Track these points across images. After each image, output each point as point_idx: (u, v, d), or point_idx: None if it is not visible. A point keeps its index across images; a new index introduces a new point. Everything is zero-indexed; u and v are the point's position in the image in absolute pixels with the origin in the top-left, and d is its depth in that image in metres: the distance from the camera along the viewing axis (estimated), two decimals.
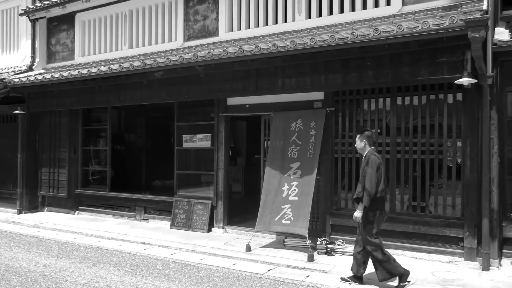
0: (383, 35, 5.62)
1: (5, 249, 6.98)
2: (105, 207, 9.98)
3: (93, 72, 8.56)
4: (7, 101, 10.31)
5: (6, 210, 10.83)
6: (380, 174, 5.08)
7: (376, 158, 5.17)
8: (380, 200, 5.11)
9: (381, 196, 5.12)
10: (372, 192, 4.96)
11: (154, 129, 12.04)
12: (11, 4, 12.08)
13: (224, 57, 6.91)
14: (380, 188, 5.07)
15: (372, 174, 5.01)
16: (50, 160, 10.81)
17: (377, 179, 5.04)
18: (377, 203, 5.07)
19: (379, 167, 5.09)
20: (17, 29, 11.96)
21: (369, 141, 5.29)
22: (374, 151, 5.28)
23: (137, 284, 5.15)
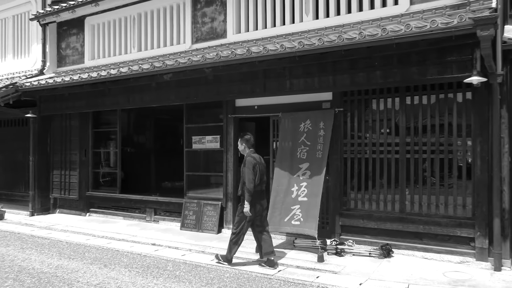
0: (391, 34, 5.60)
1: (18, 250, 7.08)
2: (115, 209, 10.06)
3: (103, 75, 8.65)
4: (19, 104, 10.44)
5: (18, 212, 10.96)
6: (256, 172, 5.90)
7: (252, 159, 6.00)
8: (255, 194, 5.87)
9: (256, 190, 5.88)
10: (250, 189, 5.79)
11: (163, 131, 12.11)
12: (22, 9, 12.25)
13: (232, 59, 6.94)
14: (256, 184, 5.87)
15: (250, 173, 5.84)
16: (61, 163, 10.93)
17: (254, 177, 5.86)
18: (253, 196, 5.85)
19: (254, 166, 5.92)
20: (28, 34, 12.11)
21: (248, 144, 6.21)
22: (252, 152, 6.14)
23: (148, 285, 5.19)
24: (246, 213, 5.82)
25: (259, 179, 5.96)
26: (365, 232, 6.82)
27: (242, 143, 6.25)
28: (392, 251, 6.35)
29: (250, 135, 6.33)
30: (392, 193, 6.69)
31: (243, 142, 6.24)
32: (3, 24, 12.84)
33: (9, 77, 11.94)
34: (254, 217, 5.95)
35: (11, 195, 11.54)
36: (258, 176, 5.94)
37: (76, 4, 10.32)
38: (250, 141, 6.23)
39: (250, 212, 5.82)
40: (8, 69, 12.46)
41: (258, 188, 5.96)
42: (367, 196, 6.90)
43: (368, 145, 6.89)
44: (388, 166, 6.73)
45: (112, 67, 9.51)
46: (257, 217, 5.99)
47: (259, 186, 5.97)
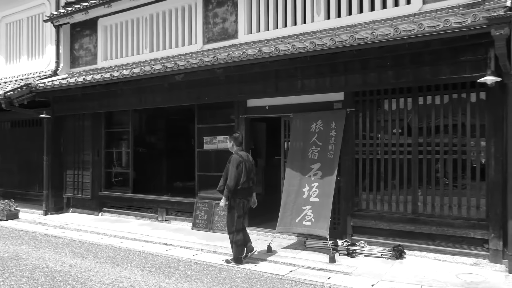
0: (403, 34, 5.56)
1: (32, 249, 7.18)
2: (127, 209, 10.14)
3: (115, 76, 8.73)
4: (33, 105, 10.57)
5: (33, 211, 11.11)
6: (240, 170, 6.06)
7: (238, 156, 6.15)
8: (240, 190, 6.08)
9: (243, 187, 6.08)
10: (231, 186, 5.97)
11: (174, 131, 12.17)
12: (36, 11, 12.41)
13: (243, 59, 6.95)
14: (242, 181, 6.06)
15: (233, 171, 6.00)
16: (74, 163, 11.05)
17: (238, 175, 6.03)
18: (239, 192, 6.07)
19: (239, 164, 6.07)
20: (42, 35, 12.27)
21: (236, 142, 6.38)
22: (239, 150, 6.33)
23: (160, 284, 5.23)
24: (221, 206, 6.15)
25: (246, 176, 6.12)
26: (377, 233, 6.78)
27: (230, 140, 6.43)
28: (404, 253, 6.30)
29: (239, 133, 6.54)
30: (404, 194, 6.64)
31: (231, 139, 6.41)
32: (17, 25, 13.02)
33: (24, 78, 12.11)
34: (243, 213, 6.20)
35: (25, 194, 11.68)
36: (244, 174, 6.10)
37: (89, 5, 10.42)
38: (238, 139, 6.42)
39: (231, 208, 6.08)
40: (22, 70, 12.64)
41: (245, 185, 6.14)
42: (379, 196, 6.86)
43: (380, 146, 6.85)
44: (400, 167, 6.68)
45: (124, 67, 9.59)
46: (245, 214, 6.34)
47: (245, 183, 6.13)
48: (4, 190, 12.24)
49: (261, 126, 10.42)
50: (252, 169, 6.34)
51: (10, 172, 12.27)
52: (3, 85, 12.26)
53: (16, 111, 10.60)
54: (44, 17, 11.63)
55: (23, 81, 11.40)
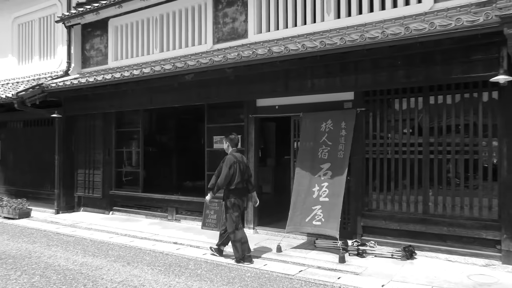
0: (414, 33, 5.52)
1: (44, 247, 7.25)
2: (138, 208, 10.20)
3: (126, 76, 8.78)
4: (45, 105, 10.68)
5: (44, 210, 11.23)
6: (234, 171, 6.21)
7: (232, 157, 6.30)
8: (235, 191, 6.23)
9: (237, 187, 6.24)
10: (220, 184, 6.18)
11: (184, 131, 12.22)
12: (48, 12, 12.54)
13: (253, 59, 6.96)
14: (236, 182, 6.21)
15: (225, 171, 6.16)
16: (85, 162, 11.15)
17: (231, 175, 6.18)
18: (234, 193, 6.22)
19: (232, 165, 6.20)
20: (54, 36, 12.39)
21: (232, 143, 6.51)
22: (234, 151, 6.46)
23: (170, 283, 5.25)
24: (207, 200, 6.57)
25: (240, 177, 6.26)
26: (387, 233, 6.74)
27: (226, 141, 6.58)
28: (415, 253, 6.26)
29: (234, 135, 6.64)
30: (415, 194, 6.60)
31: (227, 141, 6.56)
32: (30, 26, 13.17)
33: (36, 78, 12.24)
34: (239, 212, 6.32)
35: (37, 193, 11.81)
36: (238, 175, 6.24)
37: (100, 6, 10.50)
38: (234, 140, 6.55)
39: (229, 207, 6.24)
40: (34, 70, 12.78)
41: (240, 186, 6.28)
42: (390, 196, 6.82)
43: (390, 145, 6.81)
44: (411, 167, 6.63)
45: (135, 67, 9.65)
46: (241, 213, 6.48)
47: (240, 183, 6.28)
48: (16, 189, 12.39)
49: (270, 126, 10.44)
50: (246, 171, 6.45)
51: (22, 171, 12.41)
52: (16, 85, 12.41)
53: (28, 111, 10.72)
54: (55, 17, 11.74)
55: (35, 81, 11.53)
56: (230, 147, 6.53)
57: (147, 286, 5.14)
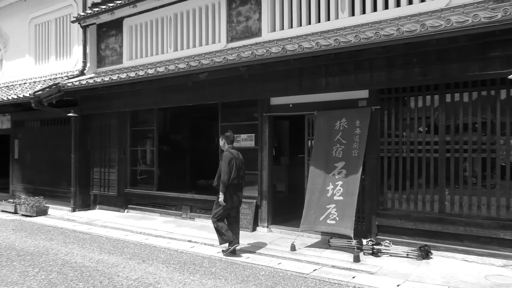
0: (430, 30, 5.45)
1: (61, 245, 7.36)
2: (152, 206, 10.28)
3: (141, 75, 8.85)
4: (61, 104, 10.82)
5: (61, 207, 11.39)
6: (232, 166, 6.40)
7: (229, 154, 6.51)
8: (231, 186, 6.41)
9: (233, 183, 6.41)
10: (225, 180, 6.32)
11: (198, 130, 12.27)
12: (64, 12, 12.70)
13: (267, 57, 6.95)
14: (232, 177, 6.38)
15: (225, 167, 6.36)
16: (101, 160, 11.27)
17: (230, 171, 6.36)
18: (229, 188, 6.39)
19: (230, 161, 6.42)
20: (70, 36, 12.54)
21: (227, 140, 6.73)
22: (230, 148, 6.65)
23: (185, 281, 5.29)
24: (221, 202, 6.37)
25: (236, 173, 6.45)
26: (402, 232, 6.68)
27: (222, 139, 6.81)
28: (430, 253, 6.19)
29: (230, 132, 6.87)
30: (431, 193, 6.52)
31: (223, 138, 6.79)
32: (46, 26, 13.35)
33: (52, 78, 12.41)
34: (230, 207, 6.49)
35: (54, 191, 11.99)
36: (235, 170, 6.44)
37: (115, 6, 10.59)
38: (229, 137, 6.78)
39: (224, 202, 6.35)
40: (51, 70, 12.96)
41: (235, 181, 6.48)
42: (405, 195, 6.76)
43: (406, 144, 6.75)
44: (426, 166, 6.56)
45: (149, 67, 9.72)
46: (233, 209, 6.57)
47: (236, 179, 6.47)
48: (33, 187, 12.60)
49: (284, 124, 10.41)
50: (241, 167, 6.66)
51: (39, 170, 12.61)
52: (33, 84, 12.60)
53: (45, 110, 10.88)
54: (71, 18, 11.88)
55: (51, 81, 11.69)
56: (226, 144, 6.74)
57: (162, 283, 5.18)
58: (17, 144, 13.33)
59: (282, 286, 5.09)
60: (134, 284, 5.14)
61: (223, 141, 6.79)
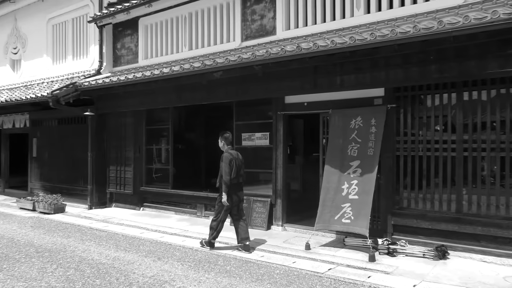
0: (448, 27, 5.37)
1: (78, 241, 7.46)
2: (167, 204, 10.35)
3: (156, 74, 8.91)
4: (77, 103, 10.97)
5: (78, 205, 11.56)
6: (232, 167, 6.61)
7: (228, 154, 6.73)
8: (231, 186, 6.59)
9: (232, 183, 6.60)
10: (227, 180, 6.52)
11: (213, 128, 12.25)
12: (81, 12, 12.86)
13: (282, 56, 6.93)
14: (232, 177, 6.59)
15: (226, 167, 6.56)
16: (116, 159, 11.40)
17: (230, 171, 6.56)
18: (230, 188, 6.57)
19: (230, 161, 6.63)
20: (86, 36, 12.70)
21: (227, 141, 6.93)
22: (230, 149, 6.89)
23: (200, 278, 5.31)
24: (224, 202, 6.54)
25: (236, 172, 6.66)
26: (418, 232, 6.61)
27: (221, 140, 6.99)
28: (447, 253, 6.11)
29: (229, 134, 7.06)
30: (448, 192, 6.44)
31: (222, 139, 6.98)
32: (63, 27, 13.53)
33: (69, 77, 12.59)
34: (231, 206, 6.67)
35: (71, 189, 12.15)
36: (235, 170, 6.64)
37: (130, 5, 10.69)
38: (228, 138, 6.99)
39: (227, 202, 6.53)
40: (68, 69, 13.14)
41: (235, 181, 6.67)
42: (421, 195, 6.68)
43: (422, 143, 6.67)
44: (443, 165, 6.48)
45: (164, 66, 9.78)
46: (234, 207, 6.73)
47: (235, 179, 6.67)
48: (51, 184, 12.80)
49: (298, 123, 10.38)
50: (241, 166, 6.86)
51: (57, 168, 12.80)
52: (50, 84, 12.80)
53: (63, 109, 11.04)
54: (88, 18, 12.02)
55: (68, 80, 11.86)
56: (225, 145, 6.95)
57: (178, 281, 5.22)
58: (35, 143, 13.55)
59: (297, 285, 5.08)
60: (150, 282, 5.18)
61: (222, 142, 6.97)
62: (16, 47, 15.26)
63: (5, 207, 11.82)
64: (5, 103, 12.07)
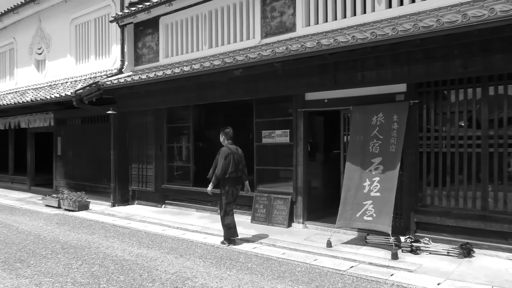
0: (472, 20, 5.24)
1: (102, 238, 7.60)
2: (189, 201, 10.44)
3: (177, 72, 8.98)
4: (100, 102, 11.15)
5: (101, 202, 11.76)
6: (228, 161, 6.82)
7: (227, 149, 6.93)
8: (229, 179, 6.86)
9: (230, 176, 6.85)
10: (218, 174, 6.79)
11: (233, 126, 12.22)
12: (103, 12, 13.04)
13: (302, 52, 6.89)
14: (230, 171, 6.81)
15: (221, 162, 6.78)
16: (138, 157, 11.54)
17: (226, 165, 6.79)
18: (228, 181, 6.86)
19: (227, 156, 6.83)
20: (108, 35, 12.88)
21: (227, 136, 7.16)
22: (229, 144, 7.07)
23: (222, 275, 5.34)
24: (208, 191, 6.97)
25: (234, 167, 6.86)
26: (442, 230, 6.50)
27: (222, 135, 7.22)
28: (472, 251, 5.99)
29: (229, 129, 7.25)
30: (473, 189, 6.31)
31: (223, 134, 7.21)
32: (86, 27, 13.76)
33: (92, 77, 12.81)
34: (233, 200, 6.97)
35: (94, 186, 12.37)
36: (232, 164, 6.84)
37: (151, 4, 10.80)
38: (229, 134, 7.20)
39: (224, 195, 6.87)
40: (91, 69, 13.36)
41: (233, 175, 6.90)
42: (445, 192, 6.56)
43: (446, 139, 6.55)
44: (468, 161, 6.34)
45: (185, 64, 9.85)
46: (235, 201, 7.07)
47: (234, 173, 6.89)
48: (75, 182, 13.05)
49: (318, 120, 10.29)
50: (240, 161, 7.03)
51: (80, 166, 13.05)
52: (74, 83, 13.05)
53: (86, 108, 11.24)
54: (110, 18, 12.19)
55: (91, 80, 12.07)
56: (225, 140, 7.17)
57: (199, 278, 5.26)
58: (59, 141, 13.84)
59: (318, 283, 5.06)
60: (173, 278, 5.24)
61: (223, 137, 7.20)
62: (40, 48, 15.59)
63: (32, 205, 12.12)
64: (30, 102, 12.36)
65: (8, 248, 6.86)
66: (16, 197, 13.87)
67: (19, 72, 16.84)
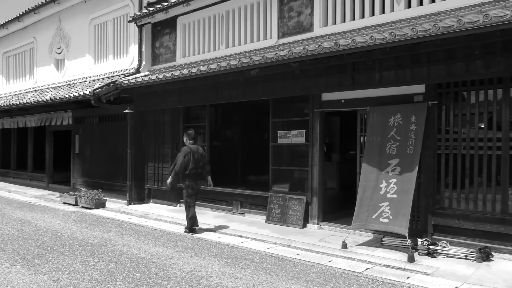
0: (494, 20, 5.14)
1: (118, 236, 7.67)
2: (203, 200, 10.47)
3: (193, 72, 9.02)
4: (117, 101, 11.27)
5: (118, 201, 11.88)
6: (188, 159, 7.62)
7: (187, 148, 7.76)
8: (190, 175, 7.69)
9: (191, 172, 7.66)
10: (177, 170, 7.68)
11: (249, 126, 12.33)
12: (121, 12, 13.18)
13: (319, 53, 6.86)
14: (190, 168, 7.63)
15: (180, 159, 7.64)
16: (155, 155, 11.63)
17: (185, 162, 7.61)
18: (189, 177, 7.72)
19: (187, 154, 7.65)
20: (126, 35, 13.00)
21: (189, 137, 7.96)
22: (191, 144, 7.87)
23: (237, 275, 5.35)
24: (168, 182, 7.96)
25: (194, 163, 7.64)
26: (460, 233, 6.39)
27: (185, 136, 8.09)
28: (491, 255, 5.88)
29: (192, 130, 8.14)
30: (493, 192, 6.19)
31: (185, 135, 8.07)
32: (105, 27, 13.92)
33: (110, 76, 12.95)
34: (195, 192, 7.83)
35: (111, 185, 12.51)
36: (192, 162, 7.62)
37: (169, 4, 10.87)
38: (190, 135, 8.00)
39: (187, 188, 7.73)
40: (109, 68, 13.50)
41: (193, 171, 7.69)
42: (463, 194, 6.45)
43: (465, 140, 6.44)
44: (488, 163, 6.23)
45: (201, 64, 9.89)
46: (197, 194, 7.97)
47: (194, 169, 7.67)
48: (92, 180, 13.22)
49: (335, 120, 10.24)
50: (200, 159, 7.80)
51: (97, 164, 13.21)
52: (92, 82, 13.21)
53: (104, 107, 11.36)
54: (128, 18, 12.32)
55: (109, 79, 12.19)
56: (187, 140, 7.95)
57: (214, 277, 5.27)
58: (77, 140, 14.03)
59: (333, 284, 5.03)
60: (188, 277, 5.26)
61: (185, 137, 8.04)
62: (60, 47, 15.83)
63: (50, 202, 12.31)
64: (50, 101, 12.55)
65: (27, 244, 6.98)
66: (34, 194, 14.11)
67: (38, 71, 17.13)
